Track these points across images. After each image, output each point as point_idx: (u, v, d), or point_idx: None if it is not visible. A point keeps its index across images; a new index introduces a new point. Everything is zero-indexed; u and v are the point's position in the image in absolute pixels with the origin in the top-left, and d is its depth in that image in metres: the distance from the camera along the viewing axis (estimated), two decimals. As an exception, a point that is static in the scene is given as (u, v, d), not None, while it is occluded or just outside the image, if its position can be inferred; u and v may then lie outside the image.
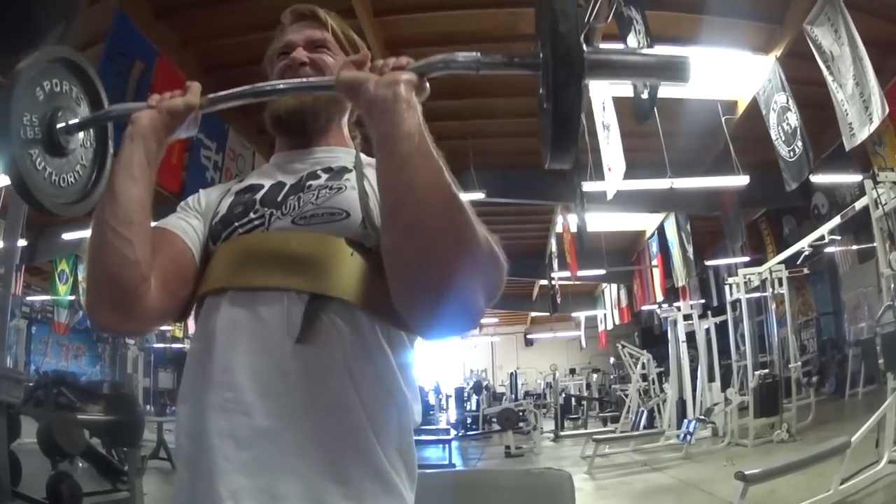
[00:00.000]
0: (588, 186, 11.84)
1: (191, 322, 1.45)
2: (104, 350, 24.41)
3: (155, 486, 7.96)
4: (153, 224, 1.43)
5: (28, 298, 20.24)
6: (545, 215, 17.66)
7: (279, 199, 1.43)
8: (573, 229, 16.01)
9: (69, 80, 1.55)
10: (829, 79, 8.03)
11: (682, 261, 16.20)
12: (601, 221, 16.09)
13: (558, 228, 18.01)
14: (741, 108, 10.96)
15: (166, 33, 8.86)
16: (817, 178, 10.79)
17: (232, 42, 9.17)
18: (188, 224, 1.48)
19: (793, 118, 9.09)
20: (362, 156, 1.55)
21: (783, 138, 9.47)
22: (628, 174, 10.04)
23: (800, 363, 11.48)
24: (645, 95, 8.26)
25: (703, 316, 14.57)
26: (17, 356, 15.99)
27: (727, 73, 10.34)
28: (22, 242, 10.02)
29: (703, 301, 17.96)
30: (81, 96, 1.59)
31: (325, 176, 1.46)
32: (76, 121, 1.51)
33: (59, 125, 1.47)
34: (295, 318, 1.26)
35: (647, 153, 10.97)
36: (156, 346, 24.41)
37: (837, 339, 16.14)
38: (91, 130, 1.60)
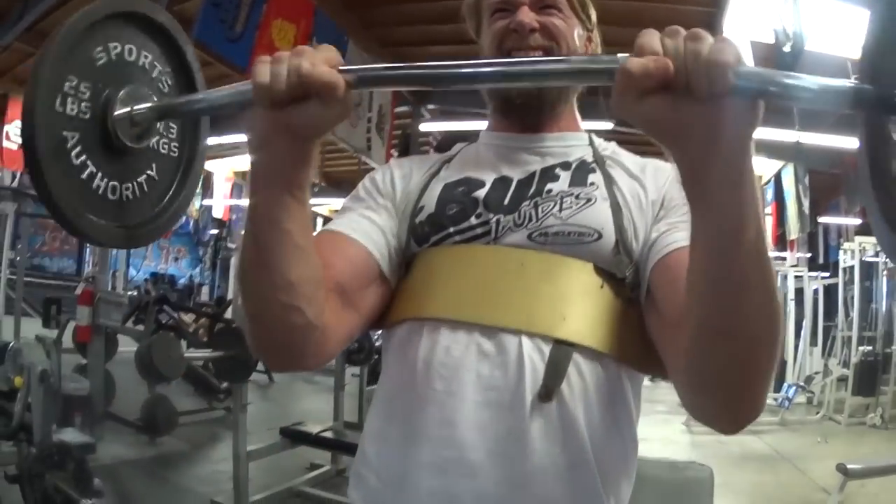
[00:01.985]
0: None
1: None
2: (205, 253, 24.77)
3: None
4: (329, 229, 1.16)
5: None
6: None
7: (507, 201, 1.14)
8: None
9: (150, 50, 1.11)
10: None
11: (797, 214, 15.32)
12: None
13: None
14: (865, 69, 10.23)
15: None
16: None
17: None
18: (374, 226, 1.16)
19: (909, 82, 8.36)
20: (597, 141, 1.26)
21: (901, 101, 8.75)
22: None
23: (899, 343, 10.86)
24: (787, 49, 7.64)
25: (811, 275, 13.89)
26: (117, 261, 16.29)
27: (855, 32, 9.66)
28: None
29: (809, 255, 17.19)
30: (167, 79, 1.14)
31: (563, 174, 1.16)
32: (144, 107, 1.04)
33: (118, 111, 1.03)
34: (535, 367, 1.03)
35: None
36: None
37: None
38: (172, 126, 1.15)
